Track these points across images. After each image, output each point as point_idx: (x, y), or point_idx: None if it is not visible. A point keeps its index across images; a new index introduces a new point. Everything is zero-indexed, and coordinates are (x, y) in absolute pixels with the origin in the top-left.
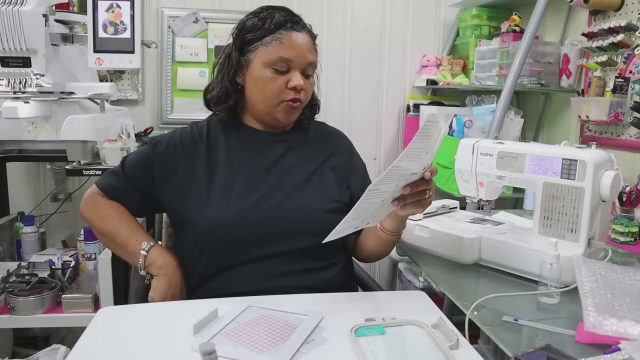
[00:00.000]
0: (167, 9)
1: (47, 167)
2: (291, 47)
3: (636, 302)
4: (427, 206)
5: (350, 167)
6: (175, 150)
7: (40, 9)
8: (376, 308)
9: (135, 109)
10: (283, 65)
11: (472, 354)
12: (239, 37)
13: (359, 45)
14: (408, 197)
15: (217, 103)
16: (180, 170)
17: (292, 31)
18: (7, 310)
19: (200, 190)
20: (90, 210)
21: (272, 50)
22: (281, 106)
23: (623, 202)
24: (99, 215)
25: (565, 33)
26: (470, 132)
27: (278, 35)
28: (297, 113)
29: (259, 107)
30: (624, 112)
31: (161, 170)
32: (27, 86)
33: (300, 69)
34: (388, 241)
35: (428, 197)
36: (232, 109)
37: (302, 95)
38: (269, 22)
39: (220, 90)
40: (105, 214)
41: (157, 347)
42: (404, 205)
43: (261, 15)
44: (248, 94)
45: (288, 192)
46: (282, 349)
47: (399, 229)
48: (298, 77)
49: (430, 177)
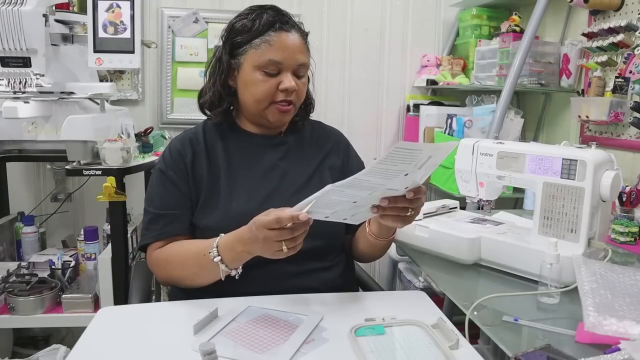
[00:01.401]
0: (167, 9)
1: (47, 167)
2: (281, 49)
3: (636, 302)
4: (409, 222)
5: (347, 166)
6: (178, 162)
7: (40, 9)
8: (376, 308)
9: (135, 109)
10: (273, 68)
11: (472, 354)
12: (229, 40)
13: (359, 45)
14: (387, 209)
15: (210, 107)
16: (190, 179)
17: (281, 32)
18: (7, 310)
19: (205, 195)
20: (161, 272)
21: (261, 53)
22: (272, 108)
23: (623, 202)
24: (169, 269)
25: (565, 33)
26: (470, 132)
27: (267, 37)
28: (289, 115)
29: (250, 109)
30: (624, 112)
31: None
32: (27, 86)
33: (292, 70)
34: (376, 245)
35: (410, 214)
36: (226, 112)
37: (294, 97)
38: (258, 24)
39: (213, 95)
40: (169, 264)
41: (157, 347)
42: (383, 216)
43: (249, 17)
44: (240, 97)
45: (288, 195)
46: (282, 349)
47: (385, 236)
48: (289, 78)
49: (413, 197)
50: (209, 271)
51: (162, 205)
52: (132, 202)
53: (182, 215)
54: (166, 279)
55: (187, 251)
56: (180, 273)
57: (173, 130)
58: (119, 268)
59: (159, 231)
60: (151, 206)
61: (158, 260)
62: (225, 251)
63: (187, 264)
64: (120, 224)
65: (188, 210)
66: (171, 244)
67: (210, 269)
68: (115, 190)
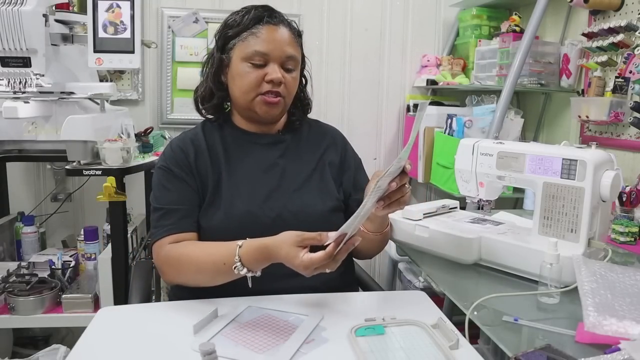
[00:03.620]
0: (167, 9)
1: (47, 167)
2: (267, 40)
3: (636, 302)
4: (405, 204)
5: (344, 164)
6: (183, 159)
7: (40, 9)
8: (376, 308)
9: (135, 109)
10: (260, 59)
11: (472, 354)
12: (221, 36)
13: (359, 45)
14: (392, 194)
15: (202, 102)
16: (196, 176)
17: (268, 25)
18: (7, 310)
19: (209, 194)
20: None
21: (248, 45)
22: (258, 99)
23: (623, 202)
24: (180, 270)
25: (565, 33)
26: (470, 132)
27: (254, 30)
28: (278, 108)
29: (239, 102)
30: (624, 112)
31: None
32: (27, 86)
33: (279, 62)
34: (372, 240)
35: (406, 194)
36: (218, 107)
37: (282, 89)
38: (246, 18)
39: (205, 90)
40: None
41: (157, 347)
42: (388, 205)
43: (240, 13)
44: (230, 91)
45: (289, 194)
46: (282, 349)
47: (379, 229)
48: (276, 70)
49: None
50: (228, 277)
51: (173, 200)
52: (132, 202)
53: (193, 211)
54: (174, 279)
55: (203, 257)
56: (192, 277)
57: (173, 130)
58: (119, 268)
59: (172, 226)
60: (160, 203)
61: (168, 258)
62: (251, 264)
63: (203, 270)
64: (120, 224)
65: (197, 207)
66: (182, 244)
67: (231, 275)
68: (115, 190)
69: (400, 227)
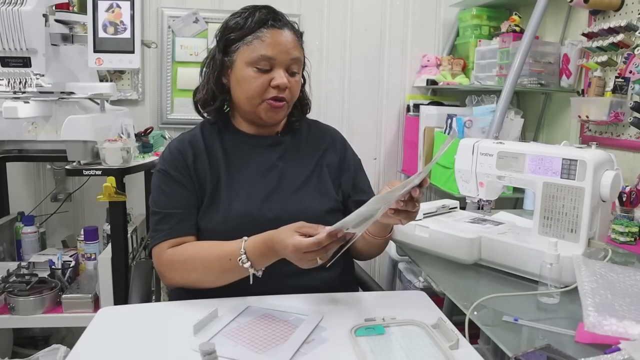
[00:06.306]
0: (167, 9)
1: (47, 167)
2: (273, 44)
3: (636, 302)
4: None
5: (343, 165)
6: (181, 161)
7: (40, 9)
8: (376, 308)
9: (135, 109)
10: (265, 63)
11: (472, 354)
12: (223, 38)
13: (359, 45)
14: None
15: (204, 105)
16: (195, 178)
17: (273, 29)
18: (7, 310)
19: (208, 196)
20: (175, 274)
21: (253, 49)
22: (264, 105)
23: (623, 202)
24: (186, 271)
25: (565, 33)
26: (470, 132)
27: (259, 33)
28: (282, 112)
29: (243, 107)
30: (624, 112)
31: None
32: (27, 86)
33: (284, 67)
34: (374, 243)
35: (416, 209)
36: (219, 110)
37: (286, 94)
38: (250, 21)
39: (207, 93)
40: (186, 266)
41: (157, 347)
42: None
43: (243, 15)
44: (233, 95)
45: (287, 195)
46: (282, 349)
47: (383, 234)
48: (282, 75)
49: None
50: (234, 274)
51: (170, 204)
52: (132, 202)
53: (191, 214)
54: (180, 282)
55: (209, 255)
56: (199, 276)
57: (173, 130)
58: (119, 268)
59: (170, 230)
60: (158, 207)
61: (172, 262)
62: (255, 258)
63: (210, 268)
64: (120, 224)
65: (195, 210)
66: (186, 246)
67: (236, 273)
68: (115, 190)
69: (400, 227)
